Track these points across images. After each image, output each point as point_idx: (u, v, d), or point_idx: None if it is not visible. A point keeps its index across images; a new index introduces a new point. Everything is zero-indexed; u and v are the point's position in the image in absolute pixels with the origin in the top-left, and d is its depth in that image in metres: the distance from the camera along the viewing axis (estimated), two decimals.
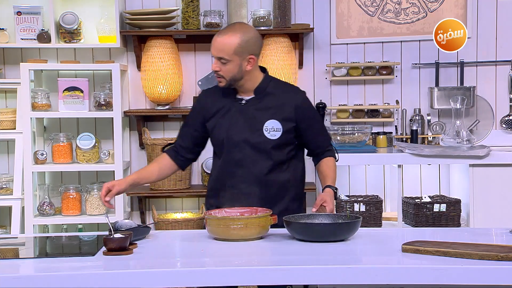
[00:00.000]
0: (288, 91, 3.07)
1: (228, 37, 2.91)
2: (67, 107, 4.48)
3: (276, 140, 2.99)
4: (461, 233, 2.95)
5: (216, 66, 2.95)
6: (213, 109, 3.06)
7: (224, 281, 2.25)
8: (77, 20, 4.56)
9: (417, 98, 4.82)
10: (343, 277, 2.24)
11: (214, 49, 2.94)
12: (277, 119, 3.00)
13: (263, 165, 3.00)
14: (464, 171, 4.45)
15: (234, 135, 3.00)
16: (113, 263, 2.36)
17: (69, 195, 4.50)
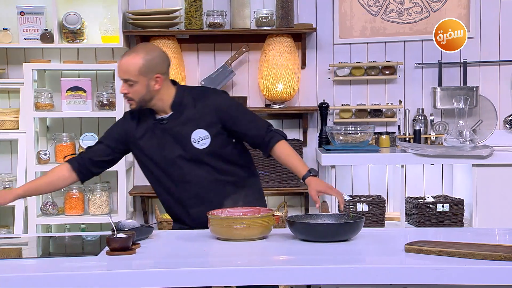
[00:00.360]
0: (203, 97, 3.03)
1: (131, 58, 2.89)
2: (70, 107, 4.48)
3: (208, 148, 2.98)
4: (464, 233, 2.95)
5: (124, 88, 2.92)
6: (137, 134, 3.04)
7: (227, 281, 2.26)
8: (80, 20, 4.57)
9: (420, 98, 4.82)
10: (346, 277, 2.24)
11: (120, 71, 2.91)
12: (201, 128, 2.98)
13: (207, 174, 2.99)
14: (467, 171, 4.45)
15: (167, 154, 2.99)
16: (116, 263, 2.36)
17: (72, 195, 4.50)
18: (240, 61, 4.78)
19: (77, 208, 4.50)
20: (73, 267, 2.34)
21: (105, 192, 4.54)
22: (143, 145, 3.03)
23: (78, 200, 4.51)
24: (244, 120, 3.04)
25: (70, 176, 3.10)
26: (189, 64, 4.78)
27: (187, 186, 2.99)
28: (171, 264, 2.37)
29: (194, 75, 4.79)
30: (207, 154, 2.98)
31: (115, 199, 4.62)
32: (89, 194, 4.53)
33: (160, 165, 3.01)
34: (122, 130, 3.08)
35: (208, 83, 4.69)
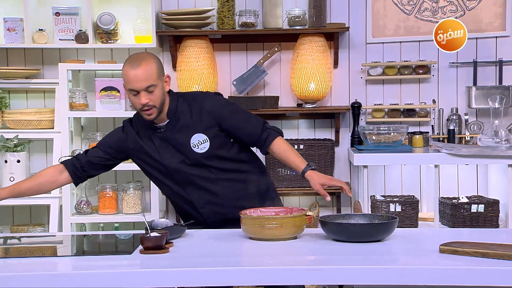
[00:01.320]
0: (197, 101, 3.05)
1: (145, 64, 2.90)
2: (104, 106, 4.52)
3: (208, 150, 3.01)
4: (500, 234, 2.91)
5: (145, 98, 2.90)
6: (136, 144, 3.06)
7: (259, 280, 2.26)
8: (114, 20, 4.61)
9: (454, 97, 4.76)
10: (379, 278, 2.22)
11: (138, 81, 2.89)
12: (199, 132, 3.00)
13: (212, 175, 3.02)
14: (503, 171, 4.38)
15: (169, 163, 3.01)
16: (150, 262, 2.38)
17: (105, 194, 4.55)
18: (272, 60, 4.77)
19: (110, 207, 4.54)
20: (107, 265, 2.36)
21: (138, 191, 4.57)
22: (144, 155, 3.07)
23: (111, 199, 4.55)
24: (238, 120, 3.07)
25: (61, 178, 3.12)
26: (221, 64, 4.79)
27: (194, 188, 3.03)
28: (204, 263, 2.38)
29: (226, 75, 4.80)
30: (208, 156, 3.01)
31: (148, 198, 4.65)
32: (122, 193, 4.56)
33: (163, 172, 3.05)
34: (120, 139, 3.11)
35: (240, 83, 4.70)
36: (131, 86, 2.91)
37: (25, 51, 4.79)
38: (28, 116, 4.60)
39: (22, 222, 4.78)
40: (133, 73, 2.89)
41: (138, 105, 2.94)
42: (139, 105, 2.93)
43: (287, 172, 4.55)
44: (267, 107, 4.58)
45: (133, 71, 2.89)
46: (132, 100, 2.95)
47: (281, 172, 4.59)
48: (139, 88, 2.90)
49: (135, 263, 2.39)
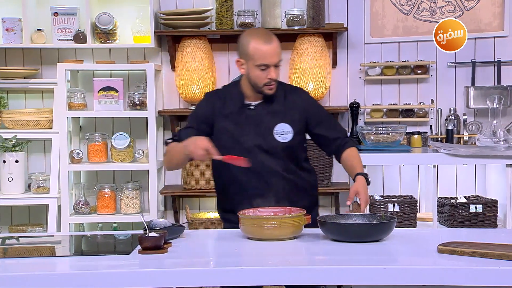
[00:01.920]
0: (293, 93, 3.09)
1: (276, 40, 2.95)
2: (103, 106, 4.52)
3: (287, 143, 3.01)
4: (498, 234, 2.91)
5: (274, 73, 2.93)
6: (221, 113, 3.04)
7: (258, 280, 2.25)
8: (112, 20, 4.61)
9: (452, 97, 4.76)
10: (378, 278, 2.22)
11: (275, 56, 2.92)
12: (286, 122, 3.01)
13: (276, 168, 3.00)
14: (501, 171, 4.39)
15: (245, 141, 2.99)
16: (149, 262, 2.38)
17: (104, 194, 4.54)
18: None
19: (109, 207, 4.54)
20: (105, 265, 2.36)
21: (137, 192, 4.57)
22: (224, 126, 3.03)
23: (110, 199, 4.55)
24: (326, 124, 3.11)
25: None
26: (220, 63, 4.79)
27: (256, 176, 2.96)
28: (203, 264, 2.38)
29: (225, 75, 4.80)
30: (285, 148, 3.01)
31: (146, 198, 4.65)
32: (121, 193, 4.56)
33: (234, 149, 2.98)
34: (208, 113, 3.07)
35: None
36: (264, 61, 2.91)
37: (23, 51, 4.78)
38: (26, 116, 4.60)
39: (20, 222, 4.77)
40: (268, 48, 2.91)
41: (264, 79, 2.94)
42: (265, 80, 2.94)
43: None
44: None
45: (268, 46, 2.92)
46: (258, 74, 2.93)
47: None
48: (272, 63, 2.92)
49: (134, 263, 2.39)
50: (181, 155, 2.92)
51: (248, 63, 2.95)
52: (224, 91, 3.12)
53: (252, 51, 2.92)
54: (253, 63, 2.92)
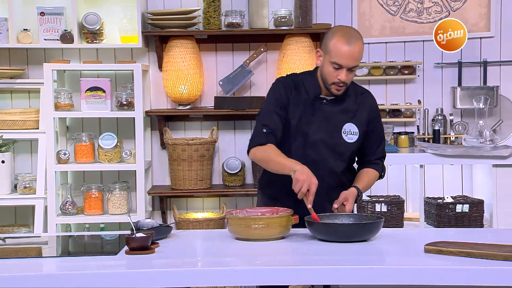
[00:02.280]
0: (364, 95, 3.07)
1: (360, 44, 2.89)
2: (90, 107, 4.51)
3: (353, 144, 3.00)
4: (485, 234, 2.93)
5: (346, 76, 2.88)
6: (294, 101, 2.99)
7: (246, 280, 2.26)
8: (99, 20, 4.59)
9: (439, 97, 4.79)
10: (365, 278, 2.23)
11: (353, 59, 2.87)
12: (354, 123, 3.00)
13: (337, 167, 2.99)
14: (487, 171, 4.41)
15: (312, 134, 2.96)
16: (136, 262, 2.37)
17: (91, 194, 4.53)
18: (259, 61, 4.78)
19: (96, 207, 4.53)
20: (92, 266, 2.35)
21: (124, 192, 4.56)
22: (294, 115, 2.98)
23: (97, 200, 4.53)
24: (376, 136, 3.09)
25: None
26: (207, 64, 4.78)
27: (314, 171, 2.85)
28: (190, 264, 2.37)
29: (213, 75, 4.80)
30: (349, 149, 3.00)
31: (134, 199, 4.64)
32: (108, 194, 4.55)
33: (300, 138, 2.97)
34: (284, 97, 3.00)
35: (227, 83, 4.70)
36: (339, 60, 2.87)
37: (9, 51, 4.76)
38: (13, 117, 4.57)
39: (7, 223, 4.75)
40: (348, 50, 2.85)
41: (334, 78, 2.90)
42: (335, 79, 2.90)
43: None
44: (254, 107, 4.58)
45: (349, 48, 2.86)
46: (330, 71, 2.90)
47: None
48: (346, 65, 2.87)
49: (121, 264, 2.38)
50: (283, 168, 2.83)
51: (325, 57, 2.91)
52: (299, 79, 3.05)
53: (331, 47, 2.88)
54: (329, 58, 2.89)
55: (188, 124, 4.84)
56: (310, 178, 2.73)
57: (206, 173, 4.64)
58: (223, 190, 4.65)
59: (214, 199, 4.85)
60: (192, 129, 4.83)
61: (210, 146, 4.64)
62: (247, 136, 4.78)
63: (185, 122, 4.83)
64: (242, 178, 4.74)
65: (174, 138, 4.64)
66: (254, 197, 4.81)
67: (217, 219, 4.54)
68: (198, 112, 4.72)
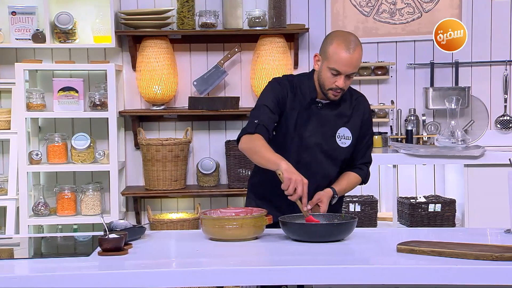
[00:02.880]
0: (359, 100, 3.06)
1: (359, 51, 2.86)
2: (62, 107, 4.47)
3: (346, 149, 3.00)
4: (456, 233, 2.96)
5: (343, 82, 2.86)
6: (291, 102, 2.97)
7: (220, 281, 2.25)
8: (72, 20, 4.56)
9: (412, 98, 4.83)
10: (339, 277, 2.24)
11: (351, 67, 2.84)
12: (348, 128, 3.00)
13: (331, 171, 2.99)
14: (459, 171, 4.46)
15: (307, 138, 2.96)
16: (108, 263, 2.36)
17: (64, 195, 4.49)
18: (233, 61, 4.78)
19: (69, 208, 4.49)
20: (65, 267, 2.33)
21: (97, 193, 4.53)
22: (290, 117, 2.96)
23: (70, 201, 4.49)
24: (365, 142, 3.08)
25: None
26: (181, 64, 4.77)
27: (308, 174, 2.83)
28: (163, 265, 2.37)
29: (187, 75, 4.79)
30: (342, 154, 2.99)
31: (107, 200, 4.61)
32: (81, 195, 4.52)
33: (295, 142, 2.96)
34: (282, 95, 2.97)
35: (201, 83, 4.69)
36: (337, 67, 2.84)
37: None
38: None
39: None
40: (347, 57, 2.82)
41: (331, 84, 2.88)
42: (332, 85, 2.87)
43: (247, 172, 4.56)
44: (228, 107, 4.58)
45: (348, 55, 2.83)
46: (328, 76, 2.87)
47: (242, 173, 4.60)
48: (344, 72, 2.85)
49: (94, 265, 2.36)
50: (268, 163, 2.80)
51: (324, 62, 2.89)
52: (295, 81, 3.02)
53: (330, 53, 2.86)
54: (327, 64, 2.87)
55: (162, 124, 4.82)
56: (301, 178, 2.71)
57: (181, 173, 4.63)
58: (197, 191, 4.64)
59: (188, 199, 4.84)
60: (166, 129, 4.81)
61: (185, 146, 4.63)
62: (221, 136, 4.80)
63: (159, 123, 4.82)
64: (217, 178, 4.73)
65: (148, 139, 4.62)
66: (229, 197, 4.81)
67: (192, 219, 4.53)
68: (172, 113, 4.71)
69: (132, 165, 4.80)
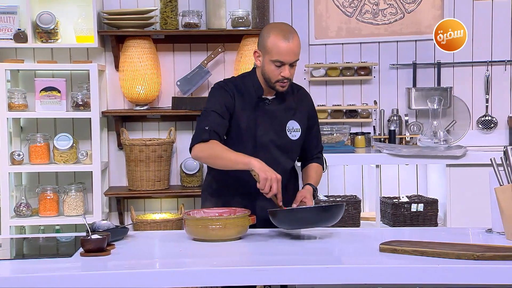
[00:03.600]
0: (300, 92, 3.09)
1: (297, 38, 2.88)
2: (44, 107, 4.44)
3: (296, 141, 3.02)
4: (438, 233, 2.98)
5: (288, 71, 2.87)
6: (239, 105, 2.97)
7: (203, 281, 2.25)
8: (54, 19, 4.53)
9: (395, 98, 4.85)
10: (322, 277, 2.24)
11: (292, 54, 2.85)
12: (296, 120, 3.02)
13: (286, 166, 3.02)
14: (441, 171, 4.48)
15: (260, 136, 2.97)
16: (91, 264, 2.35)
17: (46, 196, 4.47)
18: (216, 61, 4.77)
19: (51, 209, 4.47)
20: (47, 268, 2.32)
21: (80, 193, 4.51)
22: (241, 119, 2.96)
23: (52, 201, 4.47)
24: (315, 132, 3.13)
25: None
26: (164, 64, 4.76)
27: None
28: (146, 265, 2.36)
29: (170, 75, 4.78)
30: (294, 146, 3.02)
31: (90, 200, 4.59)
32: (63, 195, 4.49)
33: (249, 142, 2.96)
34: (228, 99, 2.95)
35: (184, 84, 4.68)
36: (280, 58, 2.85)
37: None
38: None
39: None
40: (287, 46, 2.84)
41: (277, 76, 2.88)
42: (278, 77, 2.88)
43: None
44: None
45: (287, 44, 2.84)
46: (272, 70, 2.87)
47: None
48: (287, 61, 2.86)
49: (76, 266, 2.35)
50: (235, 164, 2.78)
51: (265, 57, 2.90)
52: (239, 82, 3.02)
53: (270, 46, 2.87)
54: (269, 57, 2.87)
55: (146, 124, 4.81)
56: (275, 174, 2.72)
57: (164, 173, 4.62)
58: (181, 191, 4.63)
59: (172, 200, 4.83)
60: (149, 129, 4.80)
61: (168, 146, 4.61)
62: None
63: (142, 123, 4.80)
64: (200, 178, 4.73)
65: (131, 139, 4.61)
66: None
67: (175, 220, 4.52)
68: (156, 113, 4.70)
69: (115, 166, 4.79)
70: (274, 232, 2.83)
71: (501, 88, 4.81)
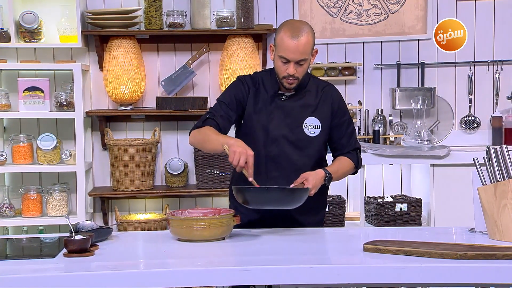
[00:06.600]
0: (326, 89, 3.05)
1: (307, 36, 2.86)
2: (28, 107, 4.42)
3: (315, 138, 2.99)
4: (422, 232, 2.99)
5: (293, 69, 2.86)
6: (253, 98, 2.98)
7: (187, 282, 2.25)
8: (37, 19, 4.50)
9: (379, 98, 4.87)
10: (306, 277, 2.25)
11: (297, 53, 2.84)
12: (316, 117, 2.99)
13: (302, 164, 2.96)
14: (425, 171, 4.51)
15: (273, 130, 2.95)
16: (74, 265, 2.34)
17: (29, 196, 4.44)
18: (201, 61, 4.77)
19: (35, 209, 4.44)
20: (30, 269, 2.31)
21: (64, 194, 4.48)
22: (255, 114, 2.96)
23: (36, 202, 4.44)
24: (345, 129, 3.06)
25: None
26: (149, 64, 4.75)
27: (278, 168, 2.89)
28: (129, 266, 2.35)
29: (155, 75, 4.77)
30: (311, 143, 2.97)
31: (74, 201, 4.56)
32: (47, 196, 4.47)
33: (261, 136, 2.95)
34: (241, 92, 2.98)
35: (169, 84, 4.67)
36: (285, 55, 2.85)
37: None
38: None
39: None
40: (292, 44, 2.83)
41: (284, 72, 2.88)
42: (284, 73, 2.88)
43: (216, 172, 4.56)
44: (196, 108, 4.57)
45: (293, 42, 2.83)
46: (279, 65, 2.88)
47: (210, 173, 4.59)
48: (292, 59, 2.85)
49: (59, 267, 2.34)
50: (217, 145, 2.80)
51: (275, 51, 2.91)
52: (258, 78, 3.04)
53: (278, 41, 2.88)
54: (277, 52, 2.89)
55: (130, 124, 4.79)
56: (246, 150, 2.70)
57: (149, 174, 4.60)
58: (165, 191, 4.62)
59: (156, 200, 4.82)
60: (134, 129, 4.79)
61: (153, 146, 4.60)
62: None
63: (126, 123, 4.79)
64: (185, 179, 4.72)
65: (115, 139, 4.59)
66: (197, 198, 4.80)
67: (160, 220, 4.51)
68: (140, 113, 4.68)
69: (99, 166, 4.77)
70: (258, 232, 2.83)
71: (484, 88, 4.84)
